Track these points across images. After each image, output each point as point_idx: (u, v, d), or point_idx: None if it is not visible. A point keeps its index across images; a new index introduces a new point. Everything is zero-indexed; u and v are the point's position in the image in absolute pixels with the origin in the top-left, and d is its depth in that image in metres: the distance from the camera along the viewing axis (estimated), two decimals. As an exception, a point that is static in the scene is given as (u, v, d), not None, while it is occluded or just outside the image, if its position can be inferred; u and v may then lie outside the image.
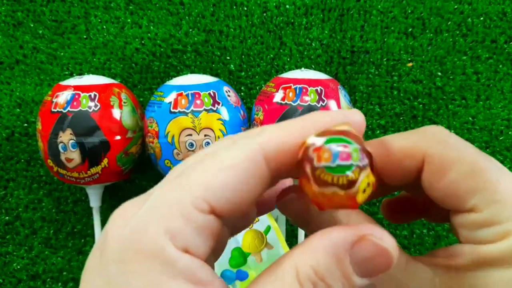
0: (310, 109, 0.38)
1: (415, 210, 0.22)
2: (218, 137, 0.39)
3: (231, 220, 0.17)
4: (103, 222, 0.44)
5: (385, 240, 0.15)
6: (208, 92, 0.39)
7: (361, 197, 0.14)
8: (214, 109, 0.39)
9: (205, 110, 0.38)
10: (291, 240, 0.47)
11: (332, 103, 0.39)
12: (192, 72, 0.48)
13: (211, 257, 0.18)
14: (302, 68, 0.44)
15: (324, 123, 0.16)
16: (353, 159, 0.14)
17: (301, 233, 0.44)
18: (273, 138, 0.16)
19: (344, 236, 0.15)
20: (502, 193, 0.16)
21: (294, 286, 0.14)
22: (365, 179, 0.14)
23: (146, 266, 0.14)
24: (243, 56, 0.48)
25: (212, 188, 0.15)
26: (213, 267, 0.18)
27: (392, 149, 0.17)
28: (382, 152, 0.17)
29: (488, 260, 0.16)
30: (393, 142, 0.17)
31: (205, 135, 0.38)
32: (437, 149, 0.17)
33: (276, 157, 0.16)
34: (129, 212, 0.15)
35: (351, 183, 0.14)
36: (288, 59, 0.48)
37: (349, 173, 0.14)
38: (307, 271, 0.14)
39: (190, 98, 0.39)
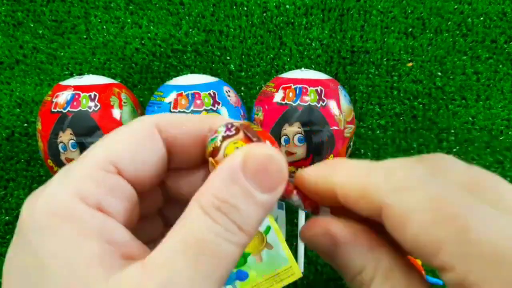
0: (310, 109, 0.38)
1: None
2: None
3: (142, 190, 0.18)
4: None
5: (270, 149, 0.16)
6: (208, 92, 0.39)
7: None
8: (214, 109, 0.39)
9: (205, 110, 0.38)
10: (291, 240, 0.47)
11: (332, 103, 0.39)
12: (192, 72, 0.48)
13: (134, 226, 0.18)
14: (302, 68, 0.44)
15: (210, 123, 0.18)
16: (218, 133, 0.17)
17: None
18: (169, 116, 0.18)
19: (233, 158, 0.16)
20: (472, 244, 0.13)
21: (201, 218, 0.15)
22: (230, 146, 0.17)
23: (59, 227, 0.14)
24: (243, 56, 0.48)
25: (114, 149, 0.16)
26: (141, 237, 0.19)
27: (340, 191, 0.17)
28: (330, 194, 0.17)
29: None
30: (340, 183, 0.17)
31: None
32: (395, 197, 0.15)
33: (166, 128, 0.18)
34: (38, 191, 0.16)
35: (215, 150, 0.17)
36: (288, 59, 0.48)
37: (212, 143, 0.17)
38: (209, 200, 0.15)
39: (190, 98, 0.39)
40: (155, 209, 0.21)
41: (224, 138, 0.17)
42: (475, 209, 0.13)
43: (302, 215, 0.41)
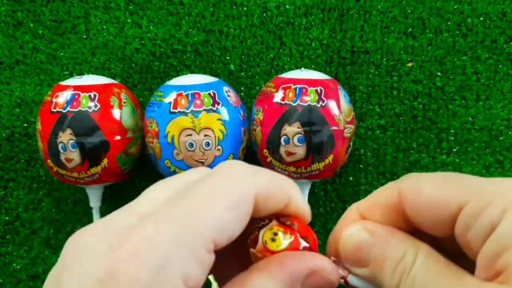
0: (310, 109, 0.38)
1: None
2: (218, 137, 0.39)
3: None
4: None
5: (333, 274, 0.18)
6: (208, 92, 0.39)
7: (271, 246, 0.18)
8: (214, 109, 0.39)
9: (205, 110, 0.38)
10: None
11: (332, 103, 0.39)
12: (192, 72, 0.48)
13: None
14: (302, 68, 0.44)
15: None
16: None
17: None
18: (266, 186, 0.17)
19: (299, 268, 0.17)
20: (478, 183, 0.17)
21: None
22: (267, 233, 0.18)
23: None
24: (243, 56, 0.48)
25: (220, 230, 0.16)
26: None
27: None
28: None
29: (498, 250, 0.16)
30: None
31: (205, 135, 0.38)
32: (407, 181, 0.18)
33: (262, 202, 0.17)
34: (142, 245, 0.15)
35: (254, 240, 0.18)
36: (288, 59, 0.48)
37: (251, 236, 0.19)
38: None
39: (190, 98, 0.39)
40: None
41: (259, 228, 0.18)
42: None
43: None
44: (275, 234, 0.18)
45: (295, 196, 0.19)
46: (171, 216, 0.15)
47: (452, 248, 0.18)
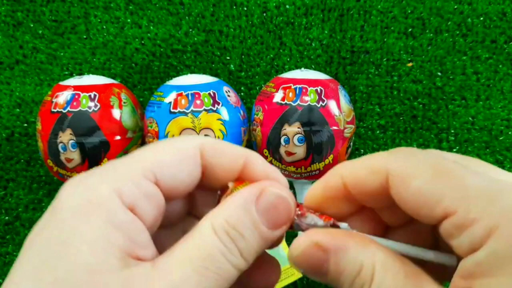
0: (310, 109, 0.38)
1: None
2: (218, 137, 0.39)
3: (170, 201, 0.19)
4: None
5: (283, 191, 0.18)
6: (208, 92, 0.39)
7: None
8: (214, 109, 0.39)
9: (205, 110, 0.38)
10: (291, 240, 0.47)
11: (332, 103, 0.39)
12: (192, 72, 0.48)
13: (154, 232, 0.19)
14: (302, 68, 0.44)
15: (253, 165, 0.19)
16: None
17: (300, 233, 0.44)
18: (212, 142, 0.19)
19: (250, 191, 0.18)
20: (470, 188, 0.15)
21: (211, 237, 0.16)
22: (235, 188, 0.19)
23: (93, 213, 0.16)
24: (243, 56, 0.48)
25: (160, 162, 0.17)
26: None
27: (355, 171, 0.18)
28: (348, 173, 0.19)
29: (472, 273, 0.15)
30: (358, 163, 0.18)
31: (205, 135, 0.38)
32: (398, 163, 0.17)
33: (210, 156, 0.19)
34: (81, 177, 0.17)
35: (225, 189, 0.19)
36: (288, 59, 0.48)
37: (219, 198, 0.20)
38: (221, 223, 0.17)
39: (190, 98, 0.39)
40: (177, 220, 0.22)
41: (225, 191, 0.19)
42: (466, 168, 0.16)
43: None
44: (253, 184, 0.19)
45: (253, 158, 0.19)
46: (123, 156, 0.18)
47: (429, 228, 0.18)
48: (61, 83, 0.41)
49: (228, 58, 0.48)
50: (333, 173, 0.19)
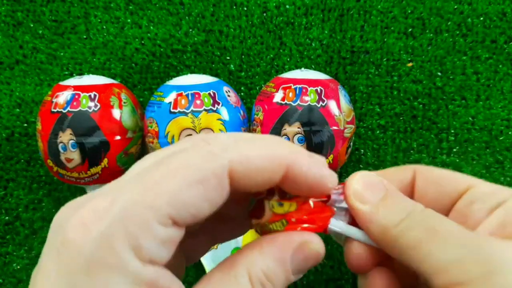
0: (310, 109, 0.38)
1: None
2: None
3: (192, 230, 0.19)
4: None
5: (321, 246, 0.18)
6: (208, 92, 0.39)
7: (278, 210, 0.19)
8: (214, 109, 0.39)
9: (205, 110, 0.38)
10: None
11: (332, 103, 0.39)
12: (192, 72, 0.48)
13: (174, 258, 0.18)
14: (302, 68, 0.44)
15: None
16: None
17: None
18: (242, 157, 0.16)
19: (288, 241, 0.18)
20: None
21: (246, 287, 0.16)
22: (273, 202, 0.19)
23: (112, 279, 0.14)
24: (243, 56, 0.48)
25: (178, 205, 0.15)
26: (177, 267, 0.20)
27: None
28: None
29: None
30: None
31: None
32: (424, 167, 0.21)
33: (241, 177, 0.16)
34: (90, 217, 0.15)
35: (259, 210, 0.19)
36: (288, 59, 0.48)
37: (251, 209, 0.20)
38: (258, 274, 0.17)
39: (190, 98, 0.39)
40: (202, 226, 0.21)
41: (262, 199, 0.19)
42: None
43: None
44: (280, 204, 0.19)
45: (297, 162, 0.17)
46: (128, 189, 0.15)
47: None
48: (61, 83, 0.41)
49: (228, 58, 0.48)
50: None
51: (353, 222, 0.20)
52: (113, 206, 0.15)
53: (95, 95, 0.40)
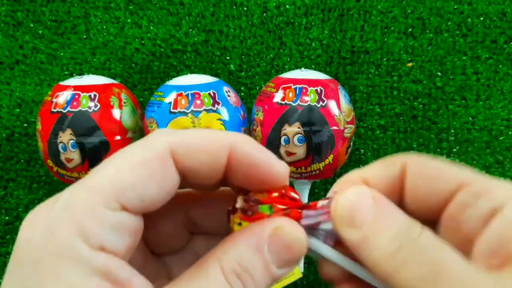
0: (310, 109, 0.38)
1: None
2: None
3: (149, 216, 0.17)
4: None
5: (298, 230, 0.17)
6: (208, 92, 0.39)
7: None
8: (214, 109, 0.39)
9: (205, 110, 0.38)
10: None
11: (332, 103, 0.39)
12: (192, 72, 0.48)
13: (137, 253, 0.18)
14: (302, 68, 0.44)
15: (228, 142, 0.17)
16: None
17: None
18: (182, 139, 0.16)
19: (263, 228, 0.16)
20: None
21: (220, 281, 0.15)
22: (234, 219, 0.18)
23: (61, 267, 0.14)
24: (243, 56, 0.48)
25: (122, 187, 0.15)
26: (140, 263, 0.19)
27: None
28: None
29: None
30: None
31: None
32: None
33: (185, 156, 0.16)
34: (39, 215, 0.15)
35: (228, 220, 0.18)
36: (288, 59, 0.48)
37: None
38: (231, 265, 0.15)
39: (190, 98, 0.39)
40: (182, 244, 0.20)
41: (229, 212, 0.18)
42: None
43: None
44: (239, 224, 0.18)
45: (240, 142, 0.17)
46: (72, 185, 0.16)
47: None
48: (61, 83, 0.41)
49: (228, 58, 0.48)
50: (350, 175, 0.19)
51: (338, 241, 0.18)
52: (58, 200, 0.15)
53: (95, 95, 0.40)
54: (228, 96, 0.40)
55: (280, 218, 0.17)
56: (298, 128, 0.38)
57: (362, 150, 0.46)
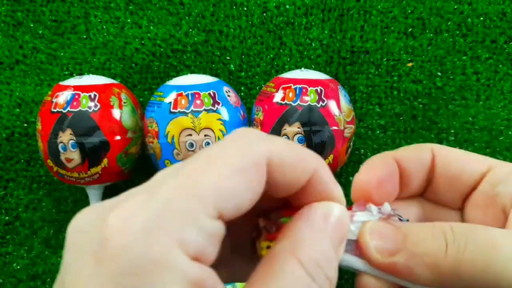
0: (310, 109, 0.38)
1: None
2: (218, 137, 0.39)
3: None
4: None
5: (345, 211, 0.17)
6: (208, 92, 0.39)
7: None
8: (214, 109, 0.39)
9: (205, 110, 0.38)
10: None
11: (332, 103, 0.39)
12: (192, 72, 0.48)
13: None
14: (302, 68, 0.44)
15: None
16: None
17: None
18: (279, 149, 0.16)
19: (343, 225, 0.17)
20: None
21: (301, 274, 0.15)
22: (263, 243, 0.18)
23: (159, 277, 0.13)
24: (243, 56, 0.48)
25: (223, 194, 0.14)
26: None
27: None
28: None
29: None
30: None
31: (205, 135, 0.38)
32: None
33: (277, 169, 0.16)
34: (130, 210, 0.14)
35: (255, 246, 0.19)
36: (288, 59, 0.48)
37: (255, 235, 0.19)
38: (308, 257, 0.15)
39: (190, 98, 0.39)
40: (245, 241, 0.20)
41: (256, 236, 0.18)
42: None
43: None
44: (268, 247, 0.17)
45: (321, 172, 0.17)
46: (167, 183, 0.14)
47: None
48: (61, 83, 0.41)
49: (228, 58, 0.48)
50: (384, 156, 0.21)
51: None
52: (153, 199, 0.14)
53: (95, 95, 0.40)
54: (228, 96, 0.40)
55: (327, 203, 0.17)
56: (298, 128, 0.38)
57: (362, 150, 0.46)
